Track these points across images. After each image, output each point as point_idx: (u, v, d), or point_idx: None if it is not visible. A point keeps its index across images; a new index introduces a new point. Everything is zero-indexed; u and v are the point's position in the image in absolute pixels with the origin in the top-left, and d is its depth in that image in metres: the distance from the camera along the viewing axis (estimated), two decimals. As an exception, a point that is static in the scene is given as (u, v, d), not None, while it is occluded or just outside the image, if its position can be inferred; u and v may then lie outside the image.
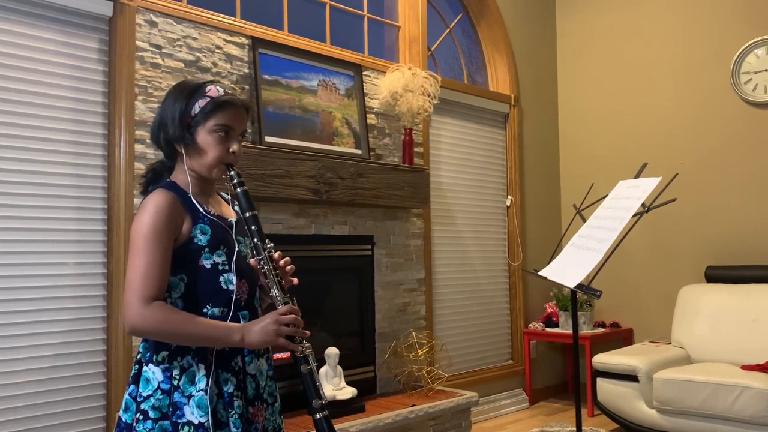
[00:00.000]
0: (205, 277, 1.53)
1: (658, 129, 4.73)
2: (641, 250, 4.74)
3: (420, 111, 3.83)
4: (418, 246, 4.05)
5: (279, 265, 1.58)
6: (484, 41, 4.86)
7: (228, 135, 1.57)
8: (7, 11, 2.59)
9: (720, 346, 3.94)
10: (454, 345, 4.33)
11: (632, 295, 4.80)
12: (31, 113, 2.63)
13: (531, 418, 4.38)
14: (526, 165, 4.98)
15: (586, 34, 5.17)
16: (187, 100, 1.56)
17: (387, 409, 3.29)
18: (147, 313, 1.43)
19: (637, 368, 3.72)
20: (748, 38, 4.32)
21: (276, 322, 1.48)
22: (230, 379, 1.52)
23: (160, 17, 2.97)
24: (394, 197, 3.69)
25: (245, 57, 3.27)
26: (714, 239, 4.44)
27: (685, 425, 3.57)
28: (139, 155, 2.85)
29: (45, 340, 2.61)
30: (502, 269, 4.76)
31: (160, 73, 2.96)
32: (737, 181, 4.36)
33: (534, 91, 5.09)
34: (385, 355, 3.76)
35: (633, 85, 4.87)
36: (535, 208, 5.04)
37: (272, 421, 1.62)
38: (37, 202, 2.63)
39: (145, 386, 1.48)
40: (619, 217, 2.50)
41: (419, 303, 4.03)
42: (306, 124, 3.44)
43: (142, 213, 1.49)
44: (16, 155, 2.58)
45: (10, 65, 2.58)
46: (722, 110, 4.43)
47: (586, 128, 5.14)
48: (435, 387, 3.70)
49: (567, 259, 2.67)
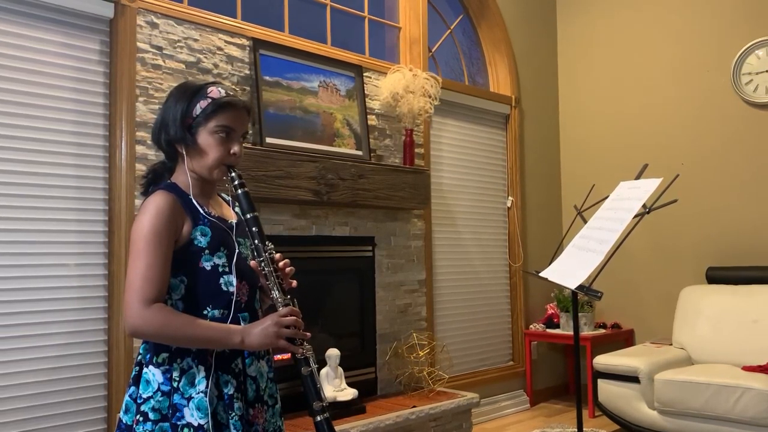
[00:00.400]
0: (205, 278, 1.53)
1: (659, 130, 4.73)
2: (642, 251, 4.73)
3: (421, 112, 3.83)
4: (419, 247, 4.05)
5: (279, 266, 1.58)
6: (484, 42, 4.86)
7: (229, 136, 1.57)
8: (8, 12, 2.59)
9: (721, 347, 3.93)
10: (454, 346, 4.32)
11: (633, 296, 4.80)
12: (32, 114, 2.63)
13: (532, 420, 4.38)
14: (527, 166, 4.98)
15: (587, 35, 5.17)
16: (188, 101, 1.56)
17: (388, 411, 3.29)
18: (147, 315, 1.42)
19: (638, 369, 3.71)
20: (749, 39, 4.32)
21: (276, 324, 1.48)
22: (230, 380, 1.52)
23: (161, 18, 2.97)
24: (395, 198, 3.69)
25: (246, 58, 3.28)
26: (715, 240, 4.44)
27: (686, 426, 3.56)
28: (140, 156, 2.85)
29: (46, 341, 2.61)
30: (502, 270, 4.76)
31: (161, 75, 2.96)
32: (738, 181, 4.36)
33: (535, 92, 5.09)
34: (386, 356, 3.75)
35: (634, 86, 4.87)
36: (536, 209, 5.03)
37: (273, 422, 1.62)
38: (38, 203, 2.63)
39: (145, 388, 1.48)
40: (620, 218, 2.50)
41: (420, 304, 4.03)
42: (307, 125, 3.44)
43: (142, 214, 1.49)
44: (17, 156, 2.58)
45: (11, 67, 2.58)
46: (723, 111, 4.43)
47: (587, 129, 5.14)
48: (436, 388, 3.70)
49: (568, 260, 2.67)
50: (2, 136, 2.55)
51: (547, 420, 4.36)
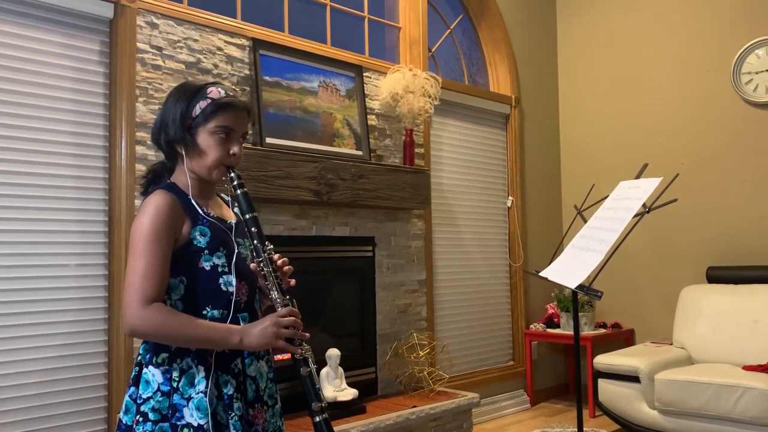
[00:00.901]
0: (204, 279, 1.53)
1: (659, 130, 4.73)
2: (642, 251, 4.73)
3: (421, 112, 3.83)
4: (419, 247, 4.05)
5: (277, 266, 1.58)
6: (484, 42, 4.86)
7: (229, 136, 1.57)
8: (8, 13, 2.59)
9: (722, 347, 3.93)
10: (455, 346, 4.32)
11: (633, 296, 4.80)
12: (32, 115, 2.63)
13: (532, 419, 4.38)
14: (527, 166, 4.97)
15: (587, 35, 5.16)
16: (188, 101, 1.56)
17: (388, 411, 3.29)
18: (146, 314, 1.42)
19: (638, 369, 3.71)
20: (749, 39, 4.32)
21: (275, 324, 1.48)
22: (230, 381, 1.52)
23: (161, 19, 2.97)
24: (395, 198, 3.69)
25: (246, 58, 3.28)
26: (715, 240, 4.43)
27: (686, 426, 3.56)
28: (140, 157, 2.85)
29: (46, 341, 2.62)
30: (503, 270, 4.75)
31: (161, 75, 2.96)
32: (738, 181, 4.35)
33: (535, 92, 5.09)
34: (387, 356, 3.75)
35: (634, 86, 4.87)
36: (536, 209, 5.03)
37: (273, 423, 1.62)
38: (39, 203, 2.63)
39: (145, 388, 1.48)
40: (620, 217, 2.50)
41: (420, 304, 4.03)
42: (307, 125, 3.44)
43: (141, 214, 1.49)
44: (17, 157, 2.58)
45: (11, 67, 2.58)
46: (723, 111, 4.43)
47: (587, 129, 5.14)
48: (436, 388, 3.70)
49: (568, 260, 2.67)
50: (2, 137, 2.55)
51: (548, 420, 4.35)
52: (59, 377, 2.64)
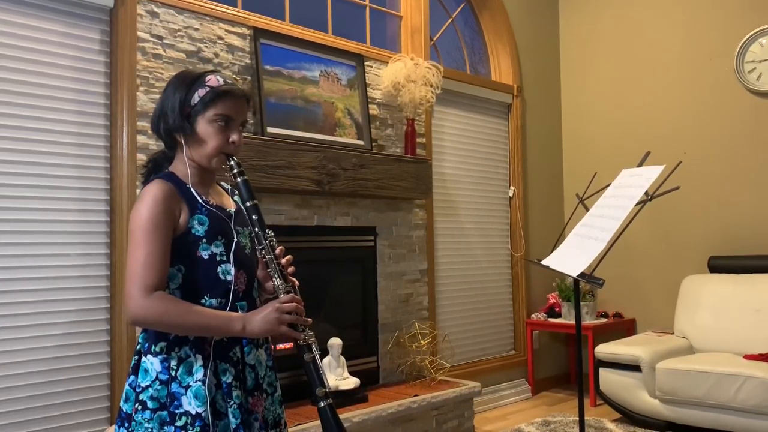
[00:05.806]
0: (203, 267, 1.53)
1: (662, 119, 4.71)
2: (644, 240, 4.73)
3: (422, 101, 3.81)
4: (421, 237, 4.05)
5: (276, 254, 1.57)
6: (486, 31, 4.84)
7: (228, 125, 1.56)
8: (9, 2, 2.58)
9: (723, 336, 3.93)
10: (456, 335, 4.33)
11: (635, 285, 4.80)
12: (32, 104, 2.63)
13: (533, 408, 4.39)
14: (529, 155, 4.96)
15: (590, 24, 5.14)
16: (186, 89, 1.56)
17: (390, 399, 3.30)
18: (148, 303, 1.42)
19: (640, 358, 3.72)
20: (752, 27, 4.29)
21: (277, 310, 1.47)
22: (229, 369, 1.52)
23: (162, 8, 2.96)
24: (397, 188, 3.68)
25: (247, 47, 3.27)
26: (717, 229, 4.42)
27: (688, 415, 3.57)
28: (141, 146, 2.85)
29: (49, 331, 2.63)
30: (504, 260, 4.76)
31: (161, 64, 2.95)
32: (741, 170, 4.34)
33: (537, 82, 5.07)
34: (388, 345, 3.76)
35: (636, 75, 4.85)
36: (538, 199, 5.03)
37: (272, 411, 1.62)
38: (40, 193, 2.63)
39: (144, 377, 1.48)
40: (622, 205, 2.49)
41: (422, 294, 4.03)
42: (308, 114, 3.43)
43: (139, 204, 1.49)
44: (18, 146, 2.58)
45: (11, 56, 2.58)
46: (726, 100, 4.41)
47: (589, 118, 5.12)
48: (438, 377, 3.71)
49: (569, 249, 2.67)
50: (3, 126, 2.55)
51: (549, 409, 4.37)
52: (62, 366, 2.65)
